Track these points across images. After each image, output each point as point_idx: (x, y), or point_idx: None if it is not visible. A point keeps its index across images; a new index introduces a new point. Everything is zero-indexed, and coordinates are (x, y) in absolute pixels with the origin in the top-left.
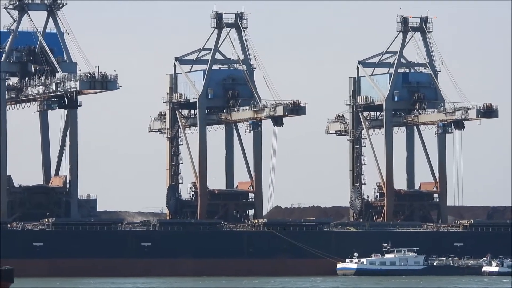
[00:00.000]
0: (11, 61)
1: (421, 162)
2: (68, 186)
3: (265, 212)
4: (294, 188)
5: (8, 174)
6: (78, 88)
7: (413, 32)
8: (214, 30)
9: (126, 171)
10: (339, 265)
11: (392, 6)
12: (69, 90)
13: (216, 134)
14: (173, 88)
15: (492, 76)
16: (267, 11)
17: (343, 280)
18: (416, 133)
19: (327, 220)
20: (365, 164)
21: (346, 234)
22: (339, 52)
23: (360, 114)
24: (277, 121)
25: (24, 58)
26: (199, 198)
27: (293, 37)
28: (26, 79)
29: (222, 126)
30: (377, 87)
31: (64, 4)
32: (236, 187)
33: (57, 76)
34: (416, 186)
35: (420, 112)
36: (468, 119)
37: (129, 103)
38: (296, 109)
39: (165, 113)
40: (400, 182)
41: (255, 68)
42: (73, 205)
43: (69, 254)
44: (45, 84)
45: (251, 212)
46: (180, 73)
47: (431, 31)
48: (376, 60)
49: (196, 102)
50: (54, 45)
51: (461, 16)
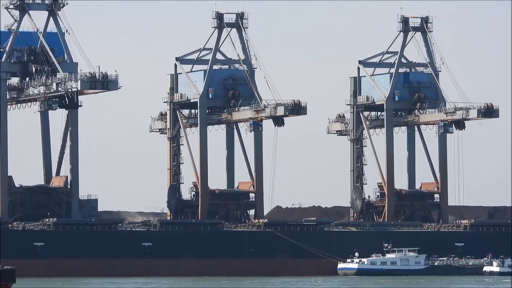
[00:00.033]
0: (12, 61)
1: (422, 162)
2: (69, 186)
3: (266, 212)
4: (295, 188)
5: (9, 174)
6: (79, 88)
7: (414, 32)
8: (215, 30)
9: (127, 171)
10: (340, 265)
11: (393, 6)
12: (70, 90)
13: (217, 134)
14: (174, 88)
15: (493, 76)
16: (268, 11)
17: (344, 280)
18: (417, 133)
19: (328, 220)
20: (366, 164)
21: (347, 234)
22: (340, 52)
23: (361, 114)
24: (278, 121)
25: (25, 58)
26: (200, 198)
27: (294, 37)
28: (27, 79)
29: (223, 126)
30: (378, 87)
31: (65, 4)
32: (237, 187)
33: (58, 76)
34: (417, 186)
35: (421, 112)
36: (469, 119)
37: (130, 103)
38: (297, 109)
39: (166, 113)
40: (401, 182)
41: (256, 68)
42: (74, 205)
43: (70, 254)
44: (46, 84)
45: (252, 212)
46: (181, 73)
47: (432, 31)
48: (377, 60)
49: (197, 102)
50: (55, 45)
51: (462, 16)
